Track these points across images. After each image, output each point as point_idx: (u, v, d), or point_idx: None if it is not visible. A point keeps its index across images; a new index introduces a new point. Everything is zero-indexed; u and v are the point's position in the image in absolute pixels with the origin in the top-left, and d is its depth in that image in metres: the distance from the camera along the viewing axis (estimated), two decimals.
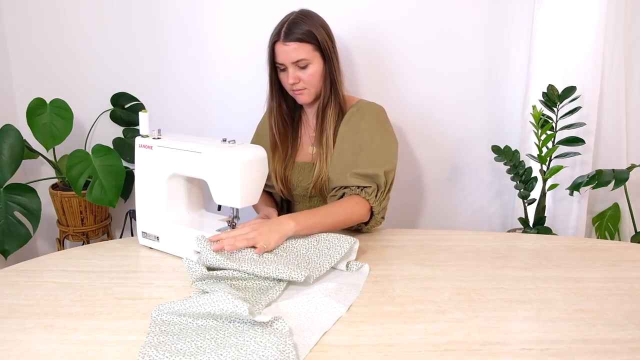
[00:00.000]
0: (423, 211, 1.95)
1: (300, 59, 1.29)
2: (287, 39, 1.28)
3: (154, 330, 0.85)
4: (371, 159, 1.29)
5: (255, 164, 1.09)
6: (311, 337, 0.84)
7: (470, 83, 1.81)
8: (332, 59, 1.33)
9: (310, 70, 1.31)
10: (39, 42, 1.82)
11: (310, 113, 1.45)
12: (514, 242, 1.29)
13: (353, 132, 1.33)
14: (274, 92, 1.40)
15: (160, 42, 1.81)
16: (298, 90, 1.34)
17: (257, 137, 1.51)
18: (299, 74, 1.31)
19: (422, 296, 1.00)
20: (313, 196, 1.41)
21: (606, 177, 1.57)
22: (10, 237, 1.61)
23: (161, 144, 1.16)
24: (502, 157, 1.70)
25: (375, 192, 1.27)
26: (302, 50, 1.28)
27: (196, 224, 1.19)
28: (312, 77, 1.32)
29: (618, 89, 1.74)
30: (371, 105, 1.38)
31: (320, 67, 1.32)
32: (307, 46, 1.29)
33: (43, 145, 1.64)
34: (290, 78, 1.31)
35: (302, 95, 1.35)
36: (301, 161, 1.43)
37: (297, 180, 1.41)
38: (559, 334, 0.87)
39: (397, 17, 1.75)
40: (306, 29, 1.28)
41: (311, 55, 1.30)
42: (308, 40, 1.28)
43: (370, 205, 1.27)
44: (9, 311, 0.92)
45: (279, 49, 1.30)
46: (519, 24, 1.75)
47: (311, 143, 1.43)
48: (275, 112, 1.41)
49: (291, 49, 1.28)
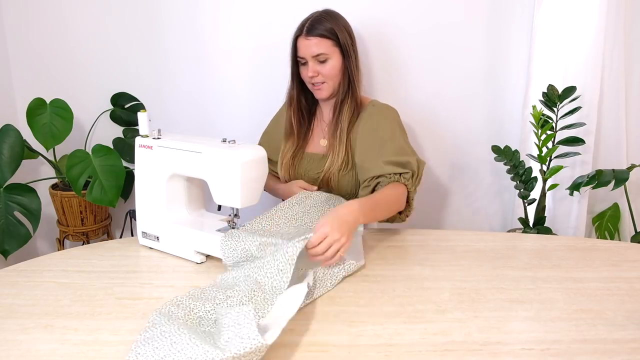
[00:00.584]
0: (423, 211, 1.95)
1: (320, 52, 1.34)
2: (309, 34, 1.34)
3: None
4: (398, 150, 1.33)
5: (255, 164, 1.09)
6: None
7: (471, 83, 1.81)
8: (351, 57, 1.38)
9: (329, 64, 1.36)
10: (39, 42, 1.82)
11: (325, 108, 1.49)
12: (514, 242, 1.29)
13: (373, 129, 1.37)
14: (294, 85, 1.45)
15: (160, 42, 1.81)
16: (317, 85, 1.39)
17: (275, 122, 1.54)
18: (318, 68, 1.36)
19: (422, 296, 1.00)
20: (319, 188, 1.43)
21: (606, 177, 1.57)
22: (10, 237, 1.61)
23: (161, 144, 1.16)
24: (502, 157, 1.70)
25: (412, 178, 1.30)
26: (322, 45, 1.34)
27: (196, 224, 1.19)
28: (331, 71, 1.36)
29: (618, 89, 1.73)
30: (388, 106, 1.43)
31: (339, 62, 1.37)
32: (327, 42, 1.35)
33: (43, 145, 1.64)
34: (310, 71, 1.36)
35: (321, 90, 1.40)
36: (311, 152, 1.46)
37: (305, 170, 1.44)
38: (559, 334, 0.87)
39: (398, 18, 1.75)
40: (329, 26, 1.35)
41: (330, 50, 1.35)
42: (329, 36, 1.35)
43: (409, 190, 1.30)
44: (9, 311, 0.92)
45: (301, 43, 1.36)
46: (519, 24, 1.75)
47: (323, 136, 1.47)
48: (295, 102, 1.46)
49: (312, 44, 1.34)
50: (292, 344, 0.84)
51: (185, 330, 0.80)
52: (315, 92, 1.42)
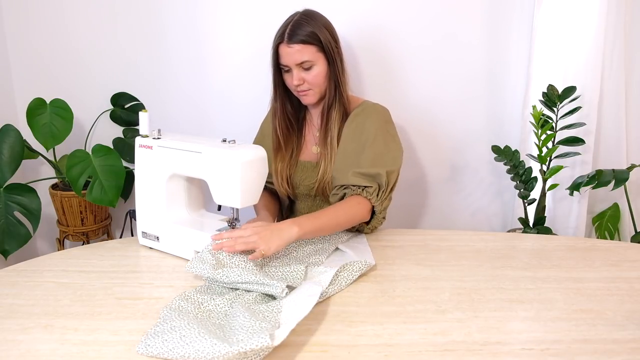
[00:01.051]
0: (423, 211, 1.95)
1: (304, 60, 1.28)
2: (290, 41, 1.27)
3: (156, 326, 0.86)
4: (374, 159, 1.28)
5: (255, 164, 1.09)
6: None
7: (471, 83, 1.81)
8: (335, 60, 1.33)
9: (315, 71, 1.31)
10: (39, 42, 1.82)
11: (314, 113, 1.45)
12: (514, 242, 1.29)
13: (357, 132, 1.33)
14: (277, 94, 1.39)
15: (160, 42, 1.81)
16: (303, 91, 1.34)
17: (262, 135, 1.50)
18: (303, 75, 1.31)
19: (422, 296, 1.00)
20: (316, 195, 1.41)
21: (606, 177, 1.57)
22: (10, 237, 1.61)
23: (161, 144, 1.16)
24: (502, 157, 1.70)
25: (376, 192, 1.27)
26: (306, 52, 1.28)
27: (196, 224, 1.19)
28: (316, 78, 1.31)
29: (618, 89, 1.74)
30: (376, 106, 1.38)
31: (324, 68, 1.32)
32: (311, 48, 1.28)
33: (43, 145, 1.64)
34: (295, 79, 1.31)
35: (307, 96, 1.35)
36: (305, 160, 1.43)
37: (300, 179, 1.41)
38: (559, 334, 0.87)
39: (397, 18, 1.75)
40: (310, 30, 1.28)
41: (315, 57, 1.29)
42: (311, 41, 1.28)
43: (372, 204, 1.27)
44: (9, 311, 0.92)
45: (282, 50, 1.30)
46: (519, 24, 1.75)
47: (315, 142, 1.43)
48: (280, 114, 1.40)
49: (295, 51, 1.28)
50: (292, 344, 0.84)
51: (194, 324, 0.83)
52: (302, 99, 1.37)
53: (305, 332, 0.87)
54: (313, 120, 1.45)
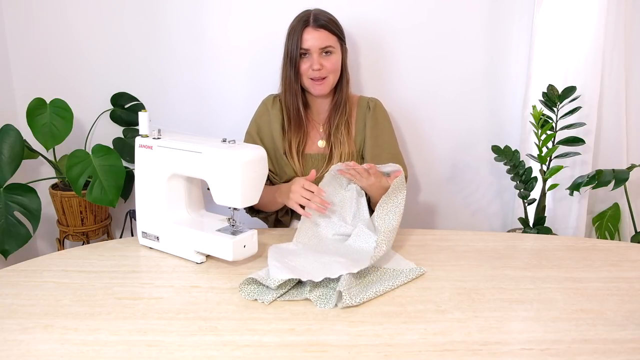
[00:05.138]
0: (423, 211, 1.95)
1: (328, 45, 1.37)
2: (318, 25, 1.36)
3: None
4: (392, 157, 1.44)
5: (256, 164, 1.09)
6: None
7: (471, 83, 1.81)
8: (345, 54, 1.44)
9: (334, 58, 1.39)
10: (39, 41, 1.82)
11: (319, 107, 1.48)
12: (514, 242, 1.29)
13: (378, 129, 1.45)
14: (289, 87, 1.41)
15: (161, 42, 1.81)
16: (319, 79, 1.38)
17: (257, 126, 1.49)
18: (323, 61, 1.37)
19: (422, 296, 1.00)
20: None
21: (606, 177, 1.57)
22: (10, 237, 1.61)
23: (161, 144, 1.16)
24: (502, 157, 1.70)
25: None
26: (330, 38, 1.38)
27: (196, 224, 1.19)
28: (335, 64, 1.39)
29: (618, 89, 1.74)
30: (379, 101, 1.50)
31: (340, 57, 1.41)
32: (333, 35, 1.39)
33: (43, 145, 1.64)
34: (315, 63, 1.36)
35: (322, 85, 1.39)
36: (312, 153, 1.46)
37: (310, 170, 1.41)
38: (559, 334, 0.87)
39: (397, 16, 1.75)
40: (333, 20, 1.40)
41: (336, 45, 1.39)
42: (334, 30, 1.39)
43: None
44: (9, 311, 0.92)
45: (308, 34, 1.36)
46: (519, 24, 1.75)
47: (320, 137, 1.47)
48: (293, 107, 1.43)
49: (322, 35, 1.36)
50: (292, 344, 0.84)
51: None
52: (315, 88, 1.40)
53: (306, 332, 0.87)
54: (314, 116, 1.48)
